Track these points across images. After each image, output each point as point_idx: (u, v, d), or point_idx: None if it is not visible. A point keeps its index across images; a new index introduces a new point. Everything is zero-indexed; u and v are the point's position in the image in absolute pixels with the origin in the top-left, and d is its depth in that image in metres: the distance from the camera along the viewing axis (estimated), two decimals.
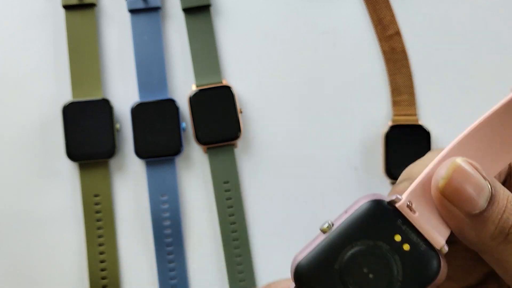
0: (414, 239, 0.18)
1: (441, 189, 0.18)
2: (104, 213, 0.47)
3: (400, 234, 0.18)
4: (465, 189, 0.17)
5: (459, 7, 0.49)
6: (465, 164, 0.18)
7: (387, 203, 0.18)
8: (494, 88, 0.49)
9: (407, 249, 0.18)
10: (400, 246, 0.18)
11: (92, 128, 0.46)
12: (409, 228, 0.18)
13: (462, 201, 0.17)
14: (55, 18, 0.48)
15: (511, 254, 0.18)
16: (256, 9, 0.49)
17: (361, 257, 0.18)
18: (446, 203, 0.18)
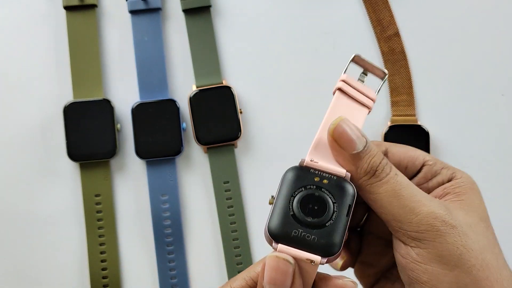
0: (327, 176, 0.25)
1: (331, 132, 0.25)
2: (105, 213, 0.47)
3: (317, 176, 0.25)
4: (347, 133, 0.25)
5: (458, 8, 0.49)
6: (347, 121, 0.26)
7: (298, 165, 0.26)
8: (492, 88, 0.49)
9: (327, 182, 0.25)
10: (321, 182, 0.25)
11: (93, 128, 0.46)
12: (320, 172, 0.25)
13: (345, 142, 0.25)
14: (56, 19, 0.48)
15: (378, 186, 0.25)
16: (256, 10, 0.49)
17: (303, 199, 0.25)
18: (335, 145, 0.25)
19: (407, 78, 0.48)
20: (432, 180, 0.28)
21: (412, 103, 0.48)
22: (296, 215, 0.24)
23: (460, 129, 0.49)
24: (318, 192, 0.25)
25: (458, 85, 0.49)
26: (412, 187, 0.25)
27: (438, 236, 0.24)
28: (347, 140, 0.25)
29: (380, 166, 0.25)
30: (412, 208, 0.24)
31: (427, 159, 0.28)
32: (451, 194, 0.27)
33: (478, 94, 0.49)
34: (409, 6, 0.49)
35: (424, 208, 0.24)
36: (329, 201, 0.25)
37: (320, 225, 0.24)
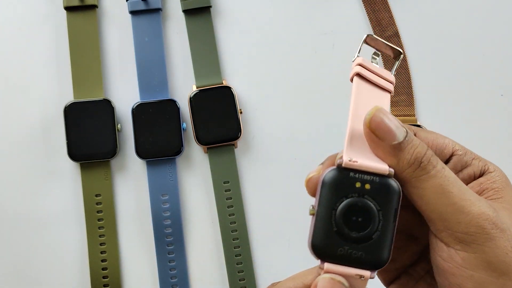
0: (368, 178, 0.23)
1: (367, 123, 0.23)
2: (105, 213, 0.47)
3: (358, 181, 0.23)
4: (385, 123, 0.23)
5: (457, 8, 0.49)
6: (382, 110, 0.23)
7: (336, 167, 0.23)
8: (492, 88, 0.49)
9: (369, 188, 0.23)
10: (363, 187, 0.23)
11: (94, 128, 0.46)
12: (361, 173, 0.23)
13: (384, 133, 0.23)
14: (56, 20, 0.48)
15: (425, 180, 0.22)
16: (256, 10, 0.49)
17: (345, 211, 0.23)
18: (373, 136, 0.23)
19: (407, 79, 0.49)
20: (462, 172, 0.26)
21: (411, 103, 0.48)
22: (340, 231, 0.23)
23: (459, 130, 0.49)
24: (362, 201, 0.23)
25: (458, 86, 0.49)
26: (460, 184, 0.23)
27: (488, 239, 0.22)
28: (386, 131, 0.23)
29: (425, 157, 0.23)
30: (462, 207, 0.22)
31: (456, 148, 0.26)
32: (489, 190, 0.25)
33: (477, 95, 0.49)
34: (409, 6, 0.49)
35: (474, 207, 0.22)
36: (373, 209, 0.23)
37: (366, 238, 0.23)
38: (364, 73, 0.26)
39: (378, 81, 0.26)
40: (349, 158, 0.23)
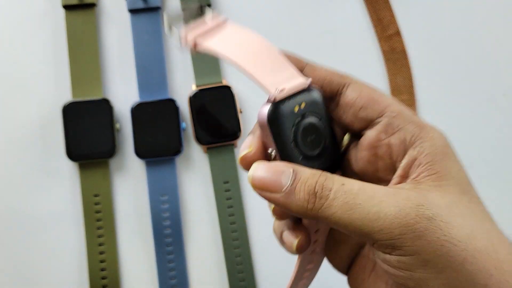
0: (299, 98, 0.24)
1: (252, 186, 0.23)
2: (104, 213, 0.47)
3: (295, 105, 0.23)
4: (267, 179, 0.23)
5: (459, 7, 0.49)
6: (259, 165, 0.23)
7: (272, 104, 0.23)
8: (494, 88, 0.49)
9: (304, 105, 0.24)
10: (300, 108, 0.24)
11: (92, 128, 0.46)
12: (291, 97, 0.23)
13: (271, 187, 0.22)
14: (55, 18, 0.48)
15: (328, 207, 0.21)
16: (256, 9, 0.49)
17: (302, 137, 0.24)
18: (262, 193, 0.23)
19: (408, 78, 0.48)
20: (394, 136, 0.24)
21: (413, 102, 0.48)
22: (306, 156, 0.24)
23: (461, 129, 0.49)
24: (307, 121, 0.24)
25: (460, 85, 0.49)
26: (366, 189, 0.21)
27: (416, 238, 0.20)
28: (271, 185, 0.22)
29: (317, 185, 0.22)
30: (376, 213, 0.21)
31: (390, 108, 0.24)
32: (422, 165, 0.23)
33: (479, 94, 0.49)
34: (410, 5, 0.49)
35: (390, 208, 0.21)
36: (317, 122, 0.24)
37: (325, 149, 0.24)
38: (198, 32, 0.26)
39: (211, 26, 0.26)
40: (276, 89, 0.23)
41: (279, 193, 0.22)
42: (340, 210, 0.21)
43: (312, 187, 0.22)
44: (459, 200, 0.22)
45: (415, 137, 0.24)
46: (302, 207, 0.22)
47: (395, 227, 0.20)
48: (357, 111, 0.25)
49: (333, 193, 0.22)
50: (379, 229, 0.21)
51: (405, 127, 0.24)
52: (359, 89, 0.25)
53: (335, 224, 0.22)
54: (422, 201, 0.21)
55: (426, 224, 0.20)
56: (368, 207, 0.21)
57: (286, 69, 0.25)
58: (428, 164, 0.23)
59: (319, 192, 0.22)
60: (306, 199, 0.22)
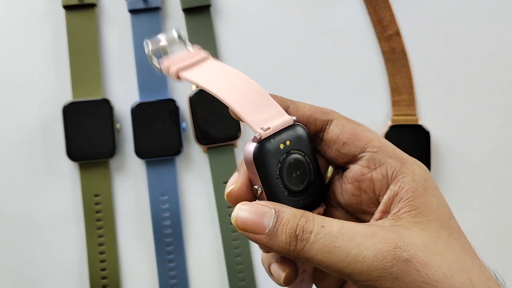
0: (284, 136, 0.24)
1: (236, 226, 0.23)
2: (104, 213, 0.47)
3: (280, 143, 0.24)
4: (250, 220, 0.23)
5: (458, 8, 0.49)
6: (242, 207, 0.24)
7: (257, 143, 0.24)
8: (493, 88, 0.49)
9: (289, 143, 0.24)
10: (285, 145, 0.24)
11: (93, 128, 0.46)
12: (276, 135, 0.24)
13: (254, 228, 0.23)
14: (55, 18, 0.48)
15: (309, 249, 0.22)
16: (256, 9, 0.49)
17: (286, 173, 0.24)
18: (245, 234, 0.23)
19: (408, 78, 0.48)
20: (376, 171, 0.25)
21: (412, 103, 0.48)
22: (291, 191, 0.24)
23: (461, 129, 0.49)
24: (293, 158, 0.24)
25: (459, 85, 0.49)
26: (346, 231, 0.22)
27: (394, 280, 0.21)
28: (254, 226, 0.23)
29: (298, 228, 0.22)
30: (355, 256, 0.21)
31: (373, 144, 0.25)
32: (402, 201, 0.24)
33: (479, 94, 0.49)
34: (410, 5, 0.49)
35: (369, 251, 0.21)
36: (302, 158, 0.25)
37: (310, 183, 0.25)
38: (181, 66, 0.27)
39: (195, 59, 0.27)
40: (262, 128, 0.24)
41: (262, 235, 0.23)
42: (320, 252, 0.22)
43: (293, 229, 0.22)
44: (438, 236, 0.22)
45: (397, 172, 0.24)
46: (285, 248, 0.23)
47: (373, 270, 0.21)
48: (340, 147, 0.26)
49: (314, 235, 0.22)
50: (358, 271, 0.21)
51: (386, 162, 0.25)
52: (341, 124, 0.26)
53: (317, 265, 0.22)
54: (399, 243, 0.22)
55: (402, 267, 0.21)
56: (347, 249, 0.22)
57: (271, 106, 0.25)
58: (408, 200, 0.23)
59: (300, 235, 0.22)
60: (288, 242, 0.23)
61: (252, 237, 0.23)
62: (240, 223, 0.23)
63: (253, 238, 0.23)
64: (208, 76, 0.26)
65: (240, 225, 0.23)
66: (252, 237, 0.23)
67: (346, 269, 0.22)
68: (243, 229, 0.23)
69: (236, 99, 0.25)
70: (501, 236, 0.49)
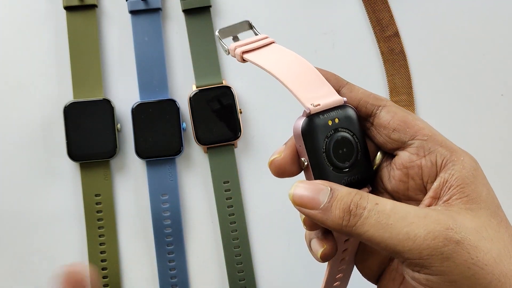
0: (333, 114, 0.25)
1: (293, 202, 0.24)
2: (105, 213, 0.47)
3: (329, 119, 0.25)
4: (306, 196, 0.24)
5: (457, 8, 0.49)
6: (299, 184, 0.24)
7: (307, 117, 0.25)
8: (492, 88, 0.49)
9: (338, 121, 0.25)
10: (334, 122, 0.25)
11: (93, 128, 0.46)
12: (326, 112, 0.25)
13: (309, 204, 0.24)
14: (56, 19, 0.48)
15: (362, 225, 0.23)
16: (256, 10, 0.49)
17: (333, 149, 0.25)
18: (301, 209, 0.24)
19: (407, 78, 0.49)
20: (425, 158, 0.25)
21: (411, 103, 0.48)
22: (336, 167, 0.25)
23: (459, 129, 0.49)
24: (340, 135, 0.25)
25: (458, 85, 0.49)
26: (398, 210, 0.23)
27: (444, 259, 0.21)
28: (309, 202, 0.24)
29: (352, 204, 0.23)
30: (407, 234, 0.22)
31: (422, 132, 0.26)
32: (453, 188, 0.24)
33: (477, 94, 0.49)
34: (409, 6, 0.49)
35: (420, 229, 0.22)
36: (350, 137, 0.26)
37: (356, 162, 0.26)
38: (247, 48, 0.28)
39: (260, 44, 0.28)
40: (312, 104, 0.25)
41: (316, 210, 0.24)
42: (372, 228, 0.22)
43: (347, 205, 0.23)
44: (488, 223, 0.23)
45: (446, 160, 0.25)
46: (338, 223, 0.23)
47: (424, 248, 0.21)
48: (390, 133, 0.26)
49: (367, 211, 0.23)
50: (409, 248, 0.22)
51: (436, 150, 0.25)
52: (393, 111, 0.26)
53: (367, 241, 0.23)
54: (452, 224, 0.22)
55: (454, 247, 0.21)
56: (400, 227, 0.22)
57: (324, 87, 0.26)
58: (459, 187, 0.24)
59: (354, 210, 0.23)
60: (341, 217, 0.23)
61: (307, 213, 0.24)
62: (297, 199, 0.24)
63: (308, 214, 0.24)
64: (268, 59, 0.27)
65: (297, 201, 0.24)
66: (307, 212, 0.24)
67: (397, 246, 0.22)
68: (300, 204, 0.24)
69: (290, 78, 0.26)
70: None
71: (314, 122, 0.25)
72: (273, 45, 0.29)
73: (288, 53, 0.28)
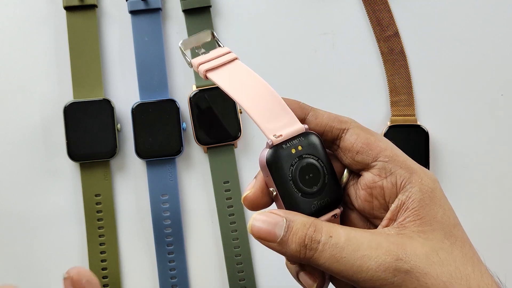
0: (296, 141, 0.26)
1: (252, 235, 0.25)
2: (105, 213, 0.47)
3: (292, 148, 0.26)
4: (263, 229, 0.25)
5: (457, 8, 0.49)
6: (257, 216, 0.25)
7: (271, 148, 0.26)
8: (492, 88, 0.49)
9: (301, 148, 0.26)
10: (297, 150, 0.26)
11: (93, 128, 0.46)
12: (289, 141, 0.26)
13: (267, 236, 0.25)
14: (56, 19, 0.48)
15: (318, 258, 0.24)
16: (256, 10, 0.49)
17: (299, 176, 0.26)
18: (260, 241, 0.25)
19: (407, 78, 0.49)
20: (386, 179, 0.26)
21: (411, 103, 0.48)
22: (305, 193, 0.26)
23: (459, 129, 0.49)
24: (305, 161, 0.26)
25: (458, 85, 0.49)
26: (352, 242, 0.24)
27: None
28: (267, 234, 0.25)
29: (307, 238, 0.24)
30: (360, 267, 0.23)
31: (384, 153, 0.27)
32: (408, 210, 0.25)
33: (477, 94, 0.49)
34: (409, 6, 0.49)
35: (372, 262, 0.23)
36: (315, 162, 0.26)
37: (324, 185, 0.27)
38: (210, 66, 0.29)
39: (223, 61, 0.29)
40: (274, 135, 0.26)
41: (274, 243, 0.25)
42: (328, 261, 0.24)
43: (302, 239, 0.24)
44: (440, 246, 0.24)
45: (405, 182, 0.26)
46: (295, 255, 0.25)
47: (376, 279, 0.23)
48: (354, 155, 0.27)
49: (321, 245, 0.24)
50: (362, 279, 0.23)
51: (396, 171, 0.26)
52: (356, 134, 0.28)
53: (326, 271, 0.24)
54: (401, 254, 0.23)
55: (403, 277, 0.23)
56: (353, 260, 0.23)
57: (286, 115, 0.27)
58: (414, 209, 0.25)
59: (309, 244, 0.24)
60: (298, 250, 0.24)
61: (267, 245, 0.26)
62: (255, 232, 0.25)
63: (268, 246, 0.26)
64: (231, 81, 0.28)
65: (255, 234, 0.25)
66: (266, 244, 0.26)
67: (352, 277, 0.23)
68: (258, 238, 0.25)
69: (254, 107, 0.27)
70: (499, 236, 0.49)
71: (277, 153, 0.26)
72: (236, 63, 0.29)
73: (251, 76, 0.28)
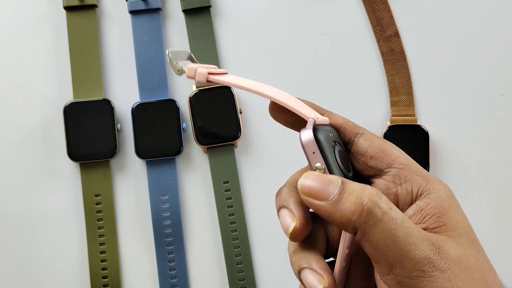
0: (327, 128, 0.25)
1: (301, 193, 0.24)
2: (105, 213, 0.47)
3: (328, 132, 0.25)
4: (315, 187, 0.23)
5: (457, 8, 0.49)
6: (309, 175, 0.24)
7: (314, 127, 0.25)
8: (491, 88, 0.49)
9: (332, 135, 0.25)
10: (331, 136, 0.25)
11: (93, 128, 0.46)
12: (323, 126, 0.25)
13: (316, 194, 0.23)
14: (56, 19, 0.48)
15: (373, 225, 0.22)
16: (256, 10, 0.49)
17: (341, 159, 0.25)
18: (309, 200, 0.24)
19: (407, 78, 0.49)
20: (401, 186, 0.26)
21: (411, 103, 0.48)
22: (346, 176, 0.25)
23: (459, 129, 0.49)
24: (338, 147, 0.25)
25: (458, 85, 0.49)
26: (406, 225, 0.22)
27: (428, 283, 0.22)
28: (319, 193, 0.23)
29: (368, 199, 0.22)
30: (407, 253, 0.22)
31: (400, 161, 0.26)
32: (430, 217, 0.24)
33: (477, 94, 0.49)
34: (409, 6, 0.49)
35: (418, 252, 0.22)
36: (344, 151, 0.26)
37: (354, 176, 0.26)
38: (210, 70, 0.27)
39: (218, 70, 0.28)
40: (314, 116, 0.25)
41: (325, 201, 0.23)
42: (381, 234, 0.22)
43: (360, 199, 0.22)
44: (469, 252, 0.23)
45: (422, 189, 0.25)
46: (347, 218, 0.22)
47: (416, 269, 0.22)
48: (367, 160, 0.26)
49: (382, 213, 0.22)
50: (403, 266, 0.22)
51: (412, 178, 0.25)
52: (370, 139, 0.27)
53: (369, 244, 0.23)
54: (439, 251, 0.23)
55: (439, 275, 0.22)
56: (404, 243, 0.22)
57: (308, 108, 0.26)
58: (435, 216, 0.24)
59: (369, 206, 0.22)
60: (352, 210, 0.22)
61: (315, 204, 0.23)
62: (305, 189, 0.24)
63: (316, 205, 0.23)
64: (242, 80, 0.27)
65: (305, 191, 0.24)
66: (315, 203, 0.23)
67: (394, 259, 0.22)
68: (308, 195, 0.24)
69: (281, 95, 0.26)
70: (500, 236, 0.49)
71: (323, 130, 0.25)
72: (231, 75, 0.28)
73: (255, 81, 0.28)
